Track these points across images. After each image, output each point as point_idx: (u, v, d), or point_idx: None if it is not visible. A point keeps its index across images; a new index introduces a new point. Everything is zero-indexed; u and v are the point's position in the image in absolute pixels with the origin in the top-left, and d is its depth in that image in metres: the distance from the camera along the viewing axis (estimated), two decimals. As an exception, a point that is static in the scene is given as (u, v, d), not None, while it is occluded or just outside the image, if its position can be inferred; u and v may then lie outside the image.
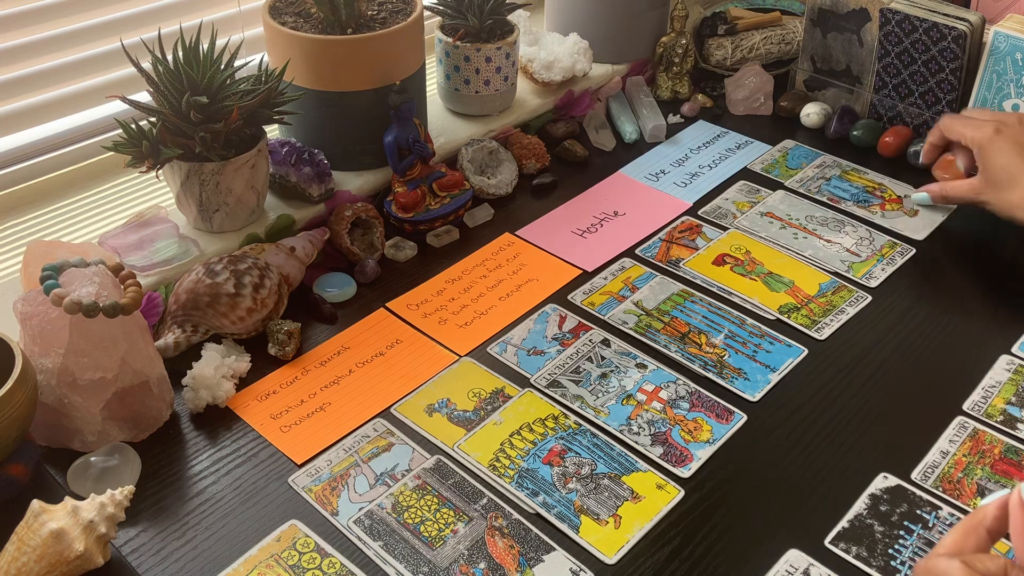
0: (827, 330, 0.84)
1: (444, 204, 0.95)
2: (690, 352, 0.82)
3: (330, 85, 0.91)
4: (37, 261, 0.75)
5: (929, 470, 0.71)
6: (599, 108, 1.14)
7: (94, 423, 0.70)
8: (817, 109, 1.11)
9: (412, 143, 0.93)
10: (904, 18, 1.02)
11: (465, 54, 1.01)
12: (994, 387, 0.78)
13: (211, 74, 0.81)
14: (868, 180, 1.03)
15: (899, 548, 0.66)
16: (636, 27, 1.15)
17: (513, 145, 1.04)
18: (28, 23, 0.95)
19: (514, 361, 0.81)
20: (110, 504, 0.62)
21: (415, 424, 0.75)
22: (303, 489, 0.70)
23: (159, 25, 0.91)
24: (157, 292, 0.82)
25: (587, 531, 0.67)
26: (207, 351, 0.77)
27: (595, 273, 0.91)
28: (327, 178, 0.91)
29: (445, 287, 0.89)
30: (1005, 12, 1.08)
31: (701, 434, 0.74)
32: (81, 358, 0.68)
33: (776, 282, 0.89)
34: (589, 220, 0.97)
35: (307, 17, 0.93)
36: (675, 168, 1.06)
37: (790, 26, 1.20)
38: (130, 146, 0.80)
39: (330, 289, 0.87)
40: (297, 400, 0.77)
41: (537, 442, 0.73)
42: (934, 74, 1.04)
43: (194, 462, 0.72)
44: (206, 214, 0.86)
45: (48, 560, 0.60)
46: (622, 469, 0.71)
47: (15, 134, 0.95)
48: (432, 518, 0.68)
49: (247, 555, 0.65)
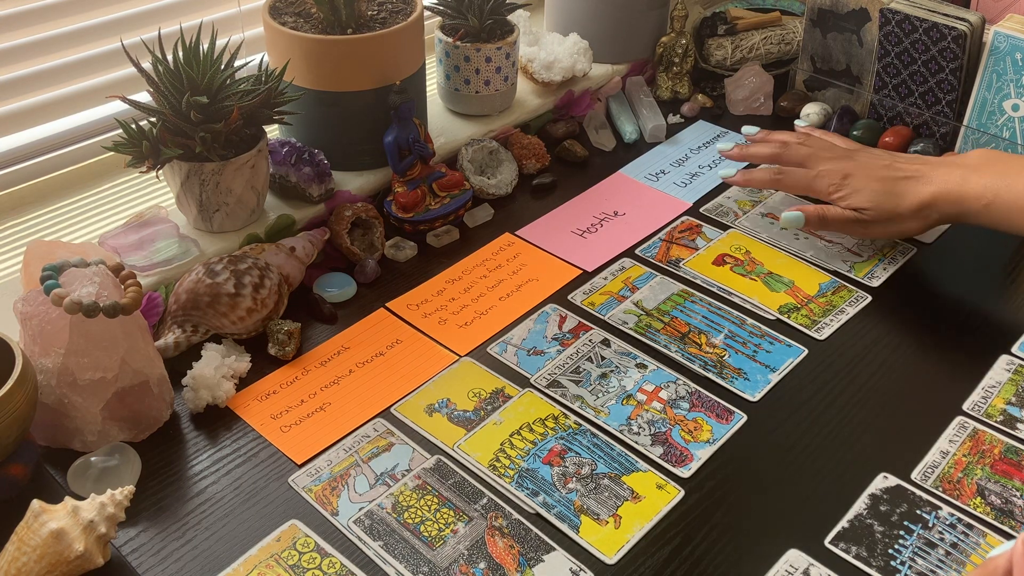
0: (827, 330, 0.84)
1: (444, 204, 0.95)
2: (690, 352, 0.82)
3: (330, 85, 0.91)
4: (37, 261, 0.75)
5: (929, 470, 0.72)
6: (599, 108, 1.14)
7: (94, 423, 0.70)
8: (817, 109, 1.11)
9: (412, 143, 0.93)
10: (904, 18, 1.02)
11: (465, 54, 1.01)
12: (994, 387, 0.78)
13: (211, 74, 0.81)
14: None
15: (899, 548, 0.66)
16: (636, 27, 1.15)
17: (513, 145, 1.04)
18: (28, 23, 0.95)
19: (514, 361, 0.81)
20: (110, 504, 0.62)
21: (415, 424, 0.75)
22: (303, 489, 0.70)
23: (159, 25, 0.91)
24: (157, 292, 0.82)
25: (587, 531, 0.67)
26: (207, 351, 0.77)
27: (595, 273, 0.91)
28: (327, 178, 0.91)
29: (445, 287, 0.89)
30: (1005, 12, 1.08)
31: (701, 434, 0.74)
32: (81, 358, 0.68)
33: (776, 282, 0.89)
34: (589, 220, 0.97)
35: (307, 17, 0.93)
36: (675, 168, 1.06)
37: (790, 26, 1.20)
38: (130, 146, 0.80)
39: (330, 289, 0.87)
40: (297, 400, 0.77)
41: (537, 442, 0.73)
42: (934, 74, 1.04)
43: (194, 462, 0.72)
44: (206, 214, 0.86)
45: (48, 560, 0.60)
46: (622, 469, 0.71)
47: (15, 134, 0.95)
48: (432, 518, 0.68)
49: (247, 555, 0.65)
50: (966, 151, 1.03)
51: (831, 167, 0.90)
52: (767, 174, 0.93)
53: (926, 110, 1.06)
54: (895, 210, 0.86)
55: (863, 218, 0.88)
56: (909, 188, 0.86)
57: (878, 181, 0.87)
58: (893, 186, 0.87)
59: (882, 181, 0.87)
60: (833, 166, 0.90)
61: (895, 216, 0.87)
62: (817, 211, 0.89)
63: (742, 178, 0.95)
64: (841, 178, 0.88)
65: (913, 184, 0.86)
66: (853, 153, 0.91)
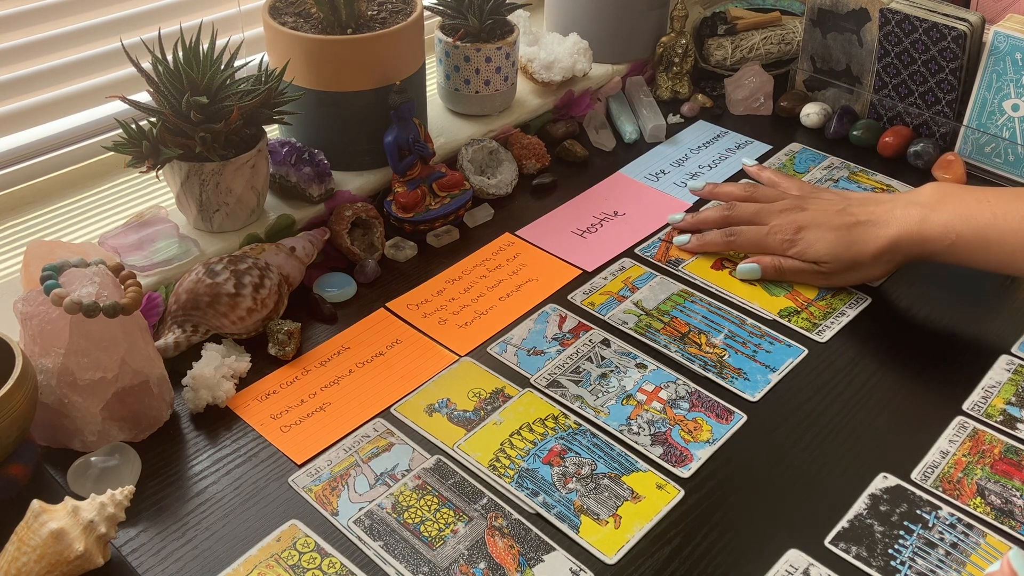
0: (828, 332, 0.84)
1: (444, 204, 0.95)
2: (690, 352, 0.82)
3: (330, 85, 0.91)
4: (37, 261, 0.75)
5: (929, 470, 0.72)
6: (599, 108, 1.14)
7: (94, 423, 0.70)
8: (817, 109, 1.11)
9: (412, 143, 0.93)
10: (904, 18, 1.02)
11: (465, 54, 1.01)
12: (994, 387, 0.79)
13: (211, 74, 0.81)
14: (876, 182, 1.03)
15: (899, 548, 0.66)
16: (636, 27, 1.15)
17: (513, 145, 1.04)
18: (28, 23, 0.95)
19: (514, 361, 0.81)
20: (110, 504, 0.62)
21: (415, 424, 0.75)
22: (303, 489, 0.70)
23: (159, 25, 0.91)
24: (157, 292, 0.82)
25: (587, 531, 0.67)
26: (207, 351, 0.77)
27: (595, 273, 0.91)
28: (327, 178, 0.91)
29: (445, 287, 0.89)
30: (1005, 12, 1.08)
31: (701, 434, 0.74)
32: (81, 358, 0.68)
33: (775, 286, 0.89)
34: (589, 220, 0.97)
35: (307, 17, 0.93)
36: (675, 168, 1.06)
37: (790, 26, 1.20)
38: (130, 146, 0.80)
39: (330, 289, 0.87)
40: (297, 400, 0.77)
41: (537, 442, 0.73)
42: (934, 74, 1.04)
43: (194, 462, 0.72)
44: (206, 214, 0.86)
45: (48, 560, 0.60)
46: (622, 469, 0.71)
47: (15, 134, 0.95)
48: (432, 518, 0.68)
49: (247, 555, 0.65)
50: (966, 150, 1.04)
51: (782, 221, 0.87)
52: (720, 236, 0.90)
53: (926, 110, 1.06)
54: (856, 259, 0.84)
55: (822, 270, 0.86)
56: (867, 234, 0.84)
57: (833, 231, 0.85)
58: (849, 234, 0.84)
59: (837, 230, 0.84)
60: (784, 220, 0.87)
61: (855, 265, 0.85)
62: (774, 263, 0.87)
63: (696, 244, 0.92)
64: (794, 232, 0.86)
65: (871, 229, 0.84)
66: (804, 200, 0.88)
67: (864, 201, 0.87)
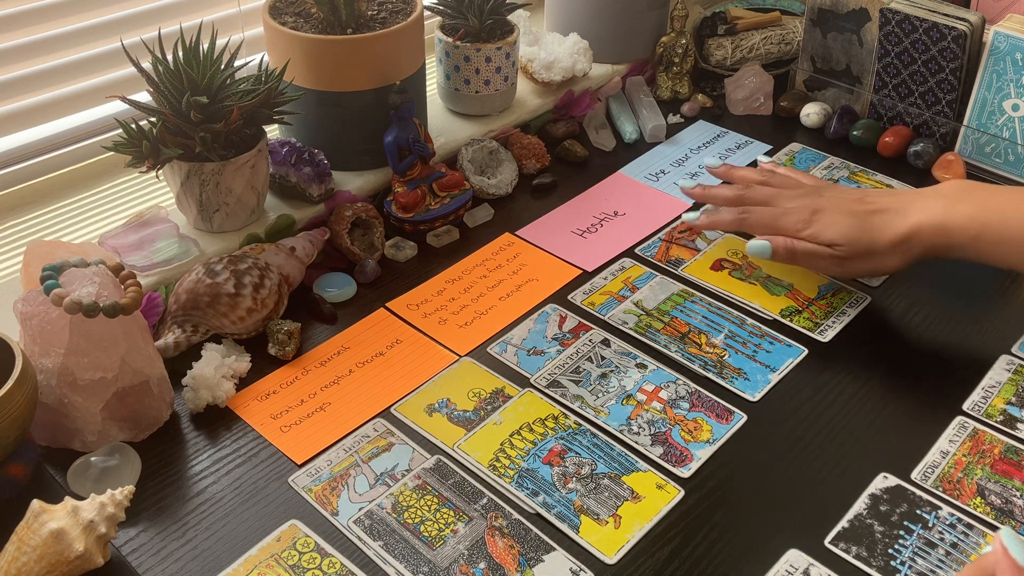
0: (830, 332, 0.84)
1: (444, 204, 0.95)
2: (690, 352, 0.82)
3: (330, 85, 0.91)
4: (37, 261, 0.75)
5: (929, 470, 0.72)
6: (599, 108, 1.14)
7: (94, 423, 0.70)
8: (817, 109, 1.11)
9: (412, 143, 0.93)
10: (904, 18, 1.02)
11: (465, 54, 1.01)
12: (994, 387, 0.78)
13: (211, 74, 0.81)
14: (876, 182, 1.03)
15: (899, 548, 0.66)
16: (636, 27, 1.15)
17: (513, 145, 1.04)
18: (28, 23, 0.95)
19: (514, 361, 0.81)
20: (110, 504, 0.62)
21: (415, 424, 0.75)
22: (303, 489, 0.70)
23: (159, 25, 0.91)
24: (157, 292, 0.82)
25: (587, 531, 0.67)
26: (207, 351, 0.77)
27: (595, 273, 0.91)
28: (327, 178, 0.91)
29: (445, 287, 0.89)
30: (1005, 12, 1.08)
31: (701, 434, 0.74)
32: (81, 358, 0.68)
33: (776, 286, 0.89)
34: (589, 220, 0.97)
35: (307, 17, 0.93)
36: (675, 168, 1.06)
37: (790, 26, 1.20)
38: (130, 146, 0.80)
39: (330, 289, 0.87)
40: (297, 400, 0.77)
41: (537, 442, 0.73)
42: (934, 74, 1.04)
43: (194, 462, 0.72)
44: (206, 214, 0.86)
45: (48, 560, 0.60)
46: (622, 469, 0.71)
47: (15, 134, 0.95)
48: (432, 518, 0.68)
49: (247, 555, 0.65)
50: (966, 150, 1.04)
51: (798, 204, 0.84)
52: (731, 215, 0.87)
53: (926, 110, 1.06)
54: (871, 245, 0.81)
55: (836, 254, 0.82)
56: (885, 221, 0.81)
57: (850, 215, 0.82)
58: (866, 220, 0.81)
59: (854, 215, 0.81)
60: (800, 203, 0.84)
61: (871, 251, 0.81)
62: (786, 243, 0.83)
63: (706, 221, 0.88)
64: (810, 214, 0.83)
65: (890, 217, 0.81)
66: (820, 189, 0.86)
67: (883, 193, 0.84)
